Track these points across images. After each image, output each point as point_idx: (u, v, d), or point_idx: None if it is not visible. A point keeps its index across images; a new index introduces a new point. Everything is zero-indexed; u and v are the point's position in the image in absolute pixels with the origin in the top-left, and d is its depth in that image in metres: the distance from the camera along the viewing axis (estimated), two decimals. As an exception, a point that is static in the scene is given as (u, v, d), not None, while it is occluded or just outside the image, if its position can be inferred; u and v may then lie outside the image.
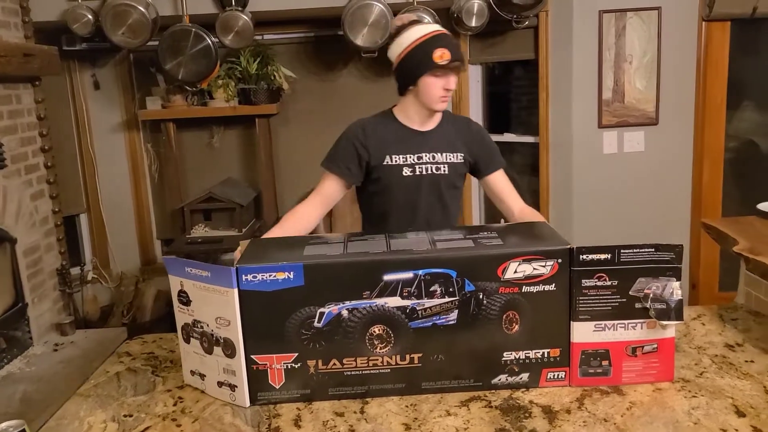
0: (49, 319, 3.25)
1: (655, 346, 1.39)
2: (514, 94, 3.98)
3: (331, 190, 1.94)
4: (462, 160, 1.94)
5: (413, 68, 1.83)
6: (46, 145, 3.28)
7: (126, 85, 3.78)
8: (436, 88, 1.82)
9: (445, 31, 1.86)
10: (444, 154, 1.92)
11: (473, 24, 3.28)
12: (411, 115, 1.93)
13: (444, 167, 1.92)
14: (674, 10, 3.29)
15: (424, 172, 1.90)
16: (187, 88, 3.43)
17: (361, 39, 3.23)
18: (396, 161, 1.90)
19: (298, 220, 1.89)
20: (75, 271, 3.62)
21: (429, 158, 1.91)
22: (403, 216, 1.93)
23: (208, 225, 3.55)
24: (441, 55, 1.77)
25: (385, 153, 1.90)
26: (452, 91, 1.87)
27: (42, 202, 3.26)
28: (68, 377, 2.78)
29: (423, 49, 1.80)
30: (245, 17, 3.26)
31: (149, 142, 3.85)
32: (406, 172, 1.90)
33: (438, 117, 1.95)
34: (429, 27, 1.86)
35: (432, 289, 1.33)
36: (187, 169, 3.86)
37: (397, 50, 1.87)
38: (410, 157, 1.90)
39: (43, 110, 3.26)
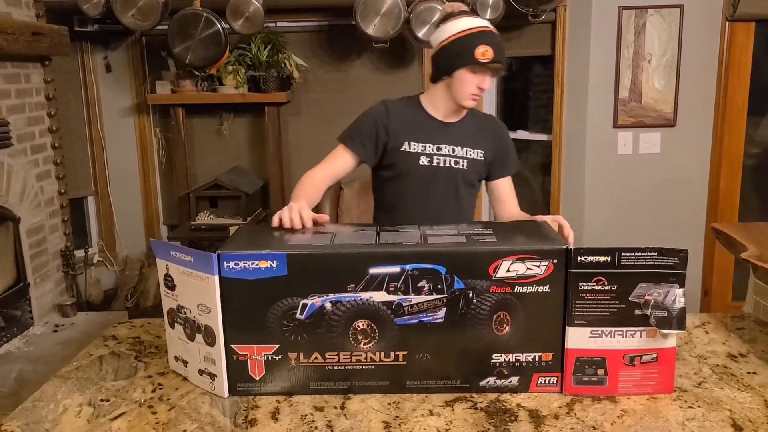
0: (50, 299, 3.25)
1: (655, 356, 1.32)
2: (531, 91, 3.90)
3: (341, 163, 1.87)
4: (482, 158, 1.89)
5: (452, 59, 1.77)
6: (54, 126, 3.27)
7: (137, 69, 3.77)
8: (469, 84, 1.77)
9: (493, 29, 1.79)
10: (465, 149, 1.86)
11: (488, 17, 3.20)
12: (438, 106, 1.88)
13: (463, 162, 1.86)
14: (697, 9, 3.19)
15: (441, 164, 1.85)
16: (196, 72, 3.41)
17: (372, 29, 3.18)
18: (414, 148, 1.84)
19: (314, 186, 1.81)
20: (80, 253, 3.62)
21: (449, 150, 1.85)
22: (415, 207, 1.87)
23: (214, 212, 3.54)
24: (483, 53, 1.71)
25: (405, 138, 1.84)
26: (484, 92, 1.81)
27: (48, 182, 3.26)
28: (66, 359, 2.77)
29: (467, 42, 1.74)
30: (257, 3, 3.22)
31: (158, 127, 3.84)
32: (423, 161, 1.84)
33: (464, 111, 1.90)
34: (478, 21, 1.79)
35: (419, 284, 1.28)
36: (196, 156, 3.84)
37: (440, 37, 1.81)
38: (429, 146, 1.84)
39: (53, 90, 3.26)
